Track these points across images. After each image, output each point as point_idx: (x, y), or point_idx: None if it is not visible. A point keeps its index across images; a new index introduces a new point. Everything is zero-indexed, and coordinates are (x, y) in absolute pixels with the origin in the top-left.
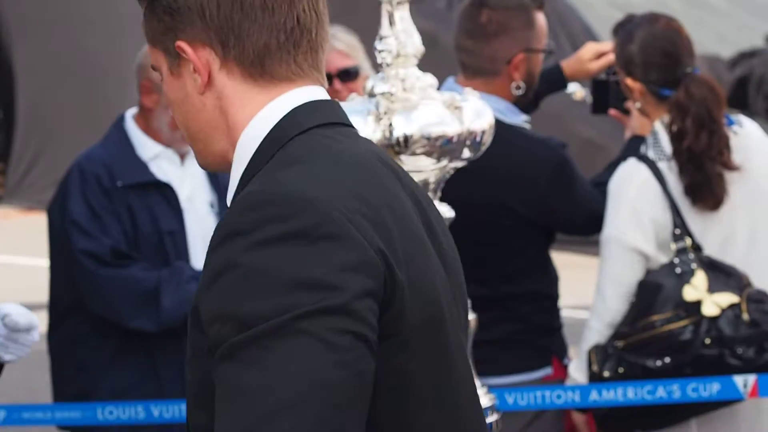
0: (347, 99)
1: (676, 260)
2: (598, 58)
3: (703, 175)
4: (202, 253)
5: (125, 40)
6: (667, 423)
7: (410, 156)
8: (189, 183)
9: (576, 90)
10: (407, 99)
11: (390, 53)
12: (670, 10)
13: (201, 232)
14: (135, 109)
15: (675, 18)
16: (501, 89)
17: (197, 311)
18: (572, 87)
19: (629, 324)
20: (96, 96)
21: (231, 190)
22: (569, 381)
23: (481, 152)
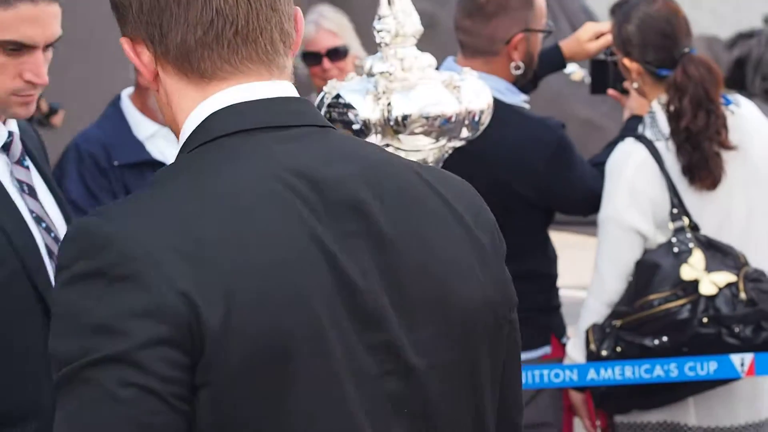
0: (345, 78)
1: (673, 239)
2: (597, 38)
3: (701, 155)
4: None
5: None
6: (664, 401)
7: (409, 135)
8: None
9: (575, 70)
10: (406, 78)
11: (389, 33)
12: None
13: None
14: (131, 89)
15: None
16: (500, 69)
17: None
18: (571, 67)
19: (627, 303)
20: (93, 75)
21: None
22: (567, 360)
23: (480, 132)
